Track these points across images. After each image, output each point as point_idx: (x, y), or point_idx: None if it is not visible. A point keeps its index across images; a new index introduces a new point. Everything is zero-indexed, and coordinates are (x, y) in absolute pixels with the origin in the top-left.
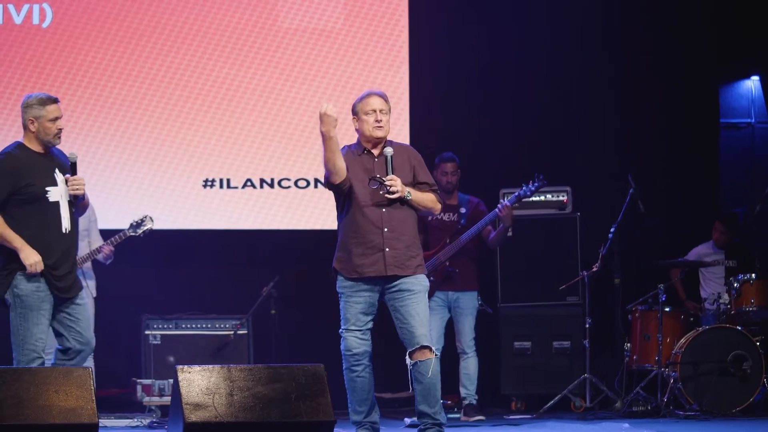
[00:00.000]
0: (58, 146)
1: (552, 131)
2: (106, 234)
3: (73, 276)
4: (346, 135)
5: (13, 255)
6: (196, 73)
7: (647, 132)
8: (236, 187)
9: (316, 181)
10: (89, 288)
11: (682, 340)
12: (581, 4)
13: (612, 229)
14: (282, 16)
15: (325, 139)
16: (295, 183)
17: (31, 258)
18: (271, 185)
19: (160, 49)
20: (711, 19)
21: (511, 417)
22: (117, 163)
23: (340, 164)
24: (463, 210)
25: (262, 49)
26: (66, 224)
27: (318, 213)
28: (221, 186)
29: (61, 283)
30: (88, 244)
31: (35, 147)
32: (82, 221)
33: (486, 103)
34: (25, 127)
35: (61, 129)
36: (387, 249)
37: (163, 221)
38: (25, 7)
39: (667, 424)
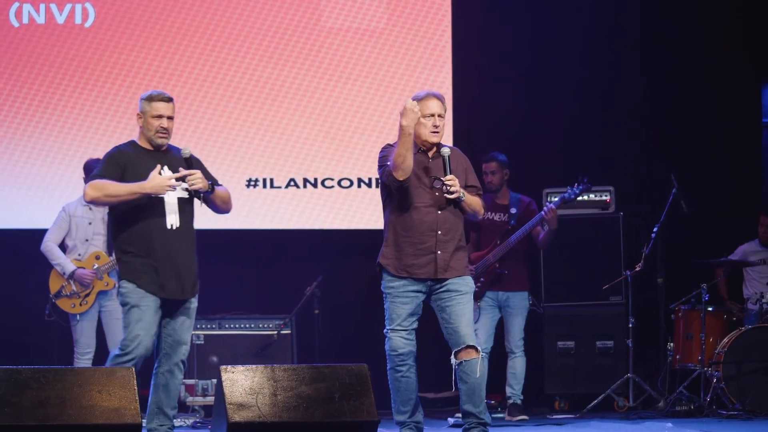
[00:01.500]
0: (163, 144)
1: (595, 131)
2: None
3: (186, 275)
4: (383, 131)
5: (123, 264)
6: (239, 73)
7: (690, 132)
8: (279, 187)
9: (360, 180)
10: None
11: (725, 340)
12: (622, 5)
13: (655, 229)
14: (325, 16)
15: (403, 134)
16: (339, 183)
17: (153, 184)
18: (315, 185)
19: (203, 48)
20: (752, 18)
21: (554, 416)
22: None
23: (410, 162)
24: (513, 210)
25: (305, 49)
26: (172, 221)
27: (361, 213)
28: (264, 186)
29: (166, 281)
30: None
31: (144, 143)
32: None
33: (529, 102)
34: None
35: (165, 128)
36: (439, 252)
37: (206, 221)
38: (68, 6)
39: (710, 423)
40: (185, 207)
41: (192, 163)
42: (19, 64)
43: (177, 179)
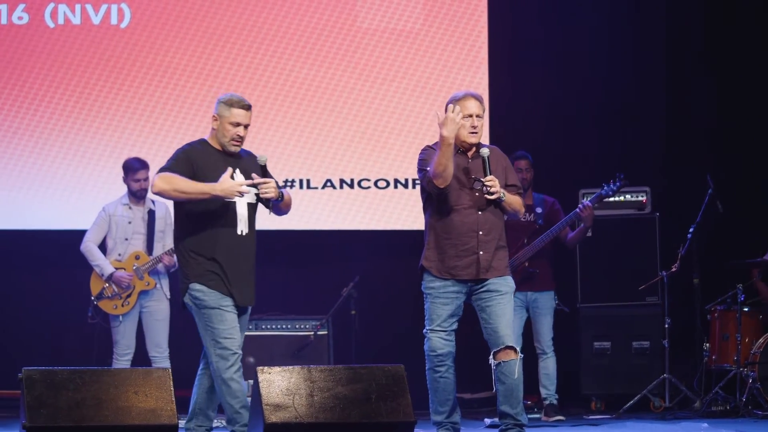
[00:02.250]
0: (235, 149)
1: (631, 131)
2: None
3: (249, 283)
4: (419, 132)
5: (191, 265)
6: (275, 74)
7: (726, 131)
8: (316, 188)
9: (396, 181)
10: (163, 289)
11: (761, 340)
12: (665, 3)
13: (691, 230)
14: (361, 17)
15: (444, 144)
16: (375, 183)
17: (224, 187)
18: (351, 186)
19: (238, 49)
20: None
21: (590, 417)
22: None
23: (451, 170)
24: (539, 210)
25: (341, 50)
26: (243, 227)
27: (398, 213)
28: (301, 186)
29: (234, 286)
30: (163, 246)
31: (215, 144)
32: (159, 223)
33: (565, 102)
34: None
35: (241, 136)
36: (481, 252)
37: None
38: (103, 7)
39: (746, 423)
40: (252, 214)
41: (267, 171)
42: (54, 65)
43: (249, 185)
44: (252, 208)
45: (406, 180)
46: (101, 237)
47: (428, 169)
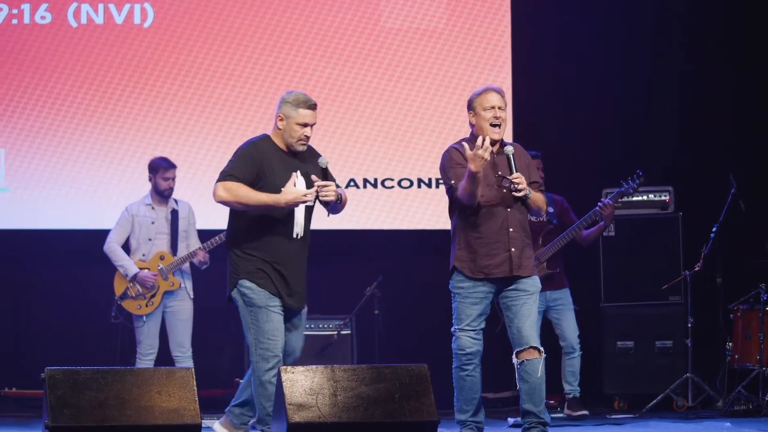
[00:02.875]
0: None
1: (655, 131)
2: (204, 235)
3: (302, 285)
4: (443, 131)
5: (242, 262)
6: (298, 74)
7: (749, 129)
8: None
9: (420, 181)
10: (187, 289)
11: None
12: (690, 4)
13: (714, 229)
14: (384, 17)
15: (470, 176)
16: (399, 183)
17: (288, 198)
18: (374, 185)
19: (262, 49)
20: None
21: (613, 416)
22: (219, 163)
23: (478, 194)
24: (550, 209)
25: (364, 49)
26: (298, 230)
27: (421, 213)
28: None
29: (287, 288)
30: (187, 246)
31: (280, 143)
32: (182, 222)
33: (589, 102)
34: (276, 123)
35: (307, 137)
36: (513, 249)
37: None
38: (126, 6)
39: None
40: (308, 217)
41: (328, 173)
42: (77, 65)
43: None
44: (309, 212)
45: (430, 179)
46: (124, 237)
47: (454, 183)
